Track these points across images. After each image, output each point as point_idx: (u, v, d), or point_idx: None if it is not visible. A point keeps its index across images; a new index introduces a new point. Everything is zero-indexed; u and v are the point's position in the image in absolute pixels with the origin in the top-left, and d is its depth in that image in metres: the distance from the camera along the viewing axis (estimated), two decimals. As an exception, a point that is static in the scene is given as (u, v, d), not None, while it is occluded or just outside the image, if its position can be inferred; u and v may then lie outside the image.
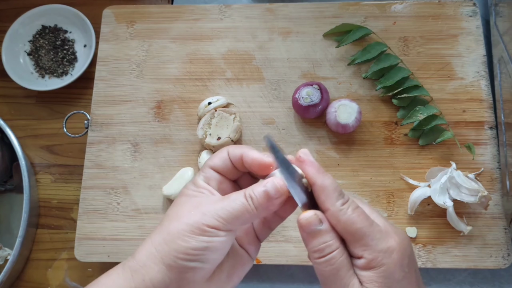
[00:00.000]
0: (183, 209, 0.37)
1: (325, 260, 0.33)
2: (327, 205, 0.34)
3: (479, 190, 0.54)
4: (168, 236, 0.35)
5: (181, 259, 0.35)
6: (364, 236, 0.33)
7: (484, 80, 0.63)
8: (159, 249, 0.35)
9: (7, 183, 0.67)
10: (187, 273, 0.35)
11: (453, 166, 0.56)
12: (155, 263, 0.35)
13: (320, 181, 0.35)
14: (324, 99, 0.60)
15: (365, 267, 0.33)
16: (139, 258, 0.36)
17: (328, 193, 0.34)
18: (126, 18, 0.70)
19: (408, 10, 0.67)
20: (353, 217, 0.34)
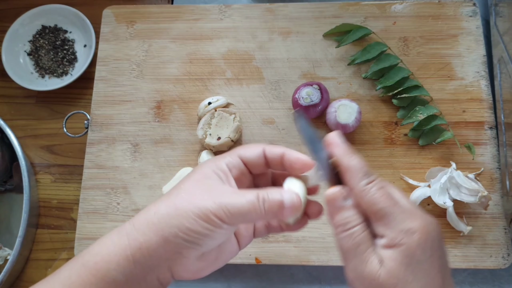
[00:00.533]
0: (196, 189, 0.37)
1: (347, 235, 0.34)
2: (351, 184, 0.35)
3: (479, 190, 0.54)
4: (175, 212, 0.36)
5: (181, 238, 0.35)
6: (386, 215, 0.34)
7: (484, 80, 0.63)
8: (162, 221, 0.36)
9: (7, 183, 0.67)
10: (182, 250, 0.36)
11: (453, 166, 0.56)
12: (154, 233, 0.36)
13: (345, 161, 0.36)
14: (324, 99, 0.60)
15: (386, 246, 0.33)
16: (138, 225, 0.37)
17: (352, 173, 0.35)
18: (126, 18, 0.70)
19: (408, 10, 0.67)
20: (376, 197, 0.34)
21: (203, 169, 0.39)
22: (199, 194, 0.37)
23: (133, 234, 0.36)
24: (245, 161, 0.40)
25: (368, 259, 0.33)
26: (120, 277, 0.35)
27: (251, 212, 0.36)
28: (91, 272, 0.36)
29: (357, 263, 0.33)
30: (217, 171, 0.39)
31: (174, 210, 0.36)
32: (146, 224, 0.36)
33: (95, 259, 0.36)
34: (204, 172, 0.39)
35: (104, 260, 0.36)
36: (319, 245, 0.58)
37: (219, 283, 0.60)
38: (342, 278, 0.60)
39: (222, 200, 0.36)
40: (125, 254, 0.36)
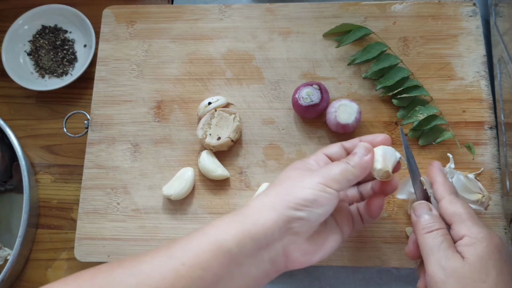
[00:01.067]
0: (295, 173, 0.44)
1: (432, 234, 0.41)
2: (444, 194, 0.44)
3: (479, 191, 0.54)
4: (283, 190, 0.42)
5: (292, 208, 0.40)
6: (470, 219, 0.41)
7: (484, 80, 0.63)
8: (272, 200, 0.42)
9: (7, 183, 0.67)
10: (294, 223, 0.40)
11: (451, 165, 0.56)
12: (267, 210, 0.41)
13: (442, 179, 0.46)
14: (324, 99, 0.60)
15: (468, 244, 0.39)
16: (253, 206, 0.42)
17: (446, 187, 0.45)
18: (126, 18, 0.70)
19: (408, 10, 0.67)
20: (463, 205, 0.43)
21: (295, 165, 0.46)
22: (299, 175, 0.44)
23: (248, 212, 0.41)
24: (329, 155, 0.48)
25: (451, 255, 0.39)
26: (234, 249, 0.39)
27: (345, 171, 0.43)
28: (210, 240, 0.39)
29: (441, 257, 0.39)
30: (307, 165, 0.46)
31: (282, 189, 0.42)
32: (260, 205, 0.42)
33: (215, 230, 0.40)
34: (296, 166, 0.46)
35: (223, 232, 0.40)
36: (319, 245, 0.58)
37: (219, 283, 0.60)
38: (342, 278, 0.60)
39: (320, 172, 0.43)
40: (242, 228, 0.40)
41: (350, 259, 0.57)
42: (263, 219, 0.40)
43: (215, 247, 0.39)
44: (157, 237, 0.59)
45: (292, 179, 0.43)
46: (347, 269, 0.60)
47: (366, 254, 0.57)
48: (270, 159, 0.62)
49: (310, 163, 0.46)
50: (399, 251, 0.57)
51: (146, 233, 0.60)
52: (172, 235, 0.59)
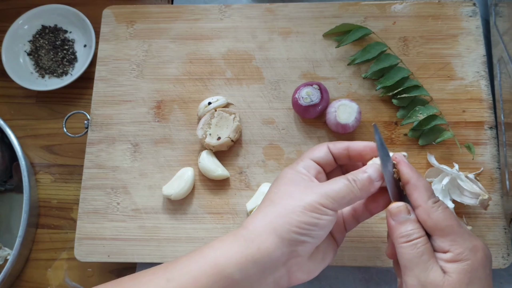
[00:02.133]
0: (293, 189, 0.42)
1: (411, 244, 0.38)
2: (419, 201, 0.39)
3: (481, 193, 0.54)
4: (283, 211, 0.40)
5: (294, 232, 0.39)
6: (453, 232, 0.37)
7: (484, 80, 0.63)
8: (273, 222, 0.39)
9: (7, 183, 0.67)
10: (297, 246, 0.39)
11: (455, 168, 0.56)
12: (269, 234, 0.39)
13: (414, 180, 0.40)
14: (324, 99, 0.60)
15: (451, 260, 0.36)
16: (253, 229, 0.40)
17: (421, 191, 0.39)
18: (126, 18, 0.70)
19: (408, 10, 0.67)
20: (444, 215, 0.38)
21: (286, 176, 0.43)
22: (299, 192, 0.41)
23: (249, 236, 0.39)
24: (317, 161, 0.45)
25: (431, 268, 0.36)
26: (237, 274, 0.37)
27: (349, 193, 0.40)
28: (210, 264, 0.38)
29: (421, 270, 0.37)
30: (299, 174, 0.43)
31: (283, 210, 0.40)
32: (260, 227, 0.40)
33: (215, 253, 0.39)
34: (288, 177, 0.43)
35: (223, 256, 0.38)
36: (319, 245, 0.58)
37: (219, 283, 0.60)
38: (342, 278, 0.60)
39: (321, 191, 0.40)
40: (245, 254, 0.38)
41: (350, 259, 0.57)
42: (266, 244, 0.39)
43: (216, 271, 0.37)
44: (157, 237, 0.59)
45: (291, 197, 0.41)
46: (347, 269, 0.60)
47: (366, 254, 0.57)
48: (270, 159, 0.62)
49: (302, 172, 0.44)
50: (399, 251, 0.57)
51: (146, 233, 0.60)
52: (172, 235, 0.59)
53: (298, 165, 0.44)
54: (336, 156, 0.45)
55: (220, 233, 0.59)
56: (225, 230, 0.59)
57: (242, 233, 0.40)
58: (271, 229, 0.39)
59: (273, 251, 0.38)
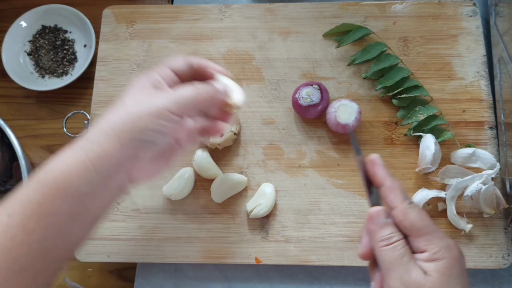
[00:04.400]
0: (140, 95, 0.41)
1: (392, 247, 0.38)
2: (395, 203, 0.39)
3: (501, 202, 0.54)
4: (128, 118, 0.39)
5: (137, 140, 0.39)
6: (430, 232, 0.38)
7: (484, 80, 0.63)
8: (116, 128, 0.39)
9: (7, 183, 0.67)
10: (139, 151, 0.39)
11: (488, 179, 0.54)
12: (111, 141, 0.38)
13: (389, 182, 0.40)
14: (324, 99, 0.60)
15: (429, 259, 0.37)
16: (92, 137, 0.39)
17: (396, 193, 0.39)
18: (126, 18, 0.70)
19: (408, 10, 0.67)
20: (419, 215, 0.38)
21: (140, 81, 0.43)
22: (146, 98, 0.40)
23: (88, 146, 0.38)
24: (174, 70, 0.45)
25: (412, 269, 0.37)
26: (83, 187, 0.37)
27: (196, 99, 0.42)
28: (51, 186, 0.36)
29: (402, 272, 0.37)
30: (152, 81, 0.43)
31: (126, 115, 0.39)
32: (101, 135, 0.38)
33: (53, 174, 0.37)
34: (142, 82, 0.42)
35: (63, 174, 0.37)
36: (319, 245, 0.58)
37: (219, 283, 0.60)
38: (342, 278, 0.60)
39: (169, 96, 0.41)
40: (85, 165, 0.37)
41: (350, 259, 0.57)
42: (107, 150, 0.38)
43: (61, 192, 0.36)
44: (157, 237, 0.59)
45: (137, 102, 0.40)
46: (347, 269, 0.60)
47: (366, 254, 0.57)
48: (270, 159, 0.62)
49: (156, 79, 0.43)
50: (399, 251, 0.57)
51: (146, 233, 0.60)
52: (172, 235, 0.59)
53: (154, 72, 0.44)
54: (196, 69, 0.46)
55: (220, 233, 0.59)
56: (225, 230, 0.59)
57: (80, 144, 0.39)
58: (113, 135, 0.38)
59: (112, 157, 0.38)
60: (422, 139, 0.58)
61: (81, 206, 0.37)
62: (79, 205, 0.37)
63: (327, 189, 0.60)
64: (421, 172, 0.58)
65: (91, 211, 0.39)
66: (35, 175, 0.37)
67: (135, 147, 0.39)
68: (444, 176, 0.58)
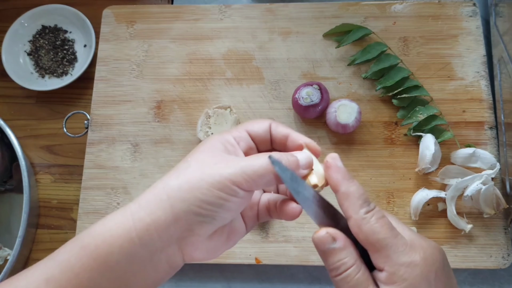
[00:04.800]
0: (207, 158, 0.35)
1: (342, 278, 0.33)
2: (349, 212, 0.33)
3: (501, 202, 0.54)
4: (187, 184, 0.33)
5: (193, 213, 0.33)
6: (386, 247, 0.32)
7: (484, 80, 0.63)
8: (172, 196, 0.33)
9: (7, 183, 0.67)
10: (194, 225, 0.34)
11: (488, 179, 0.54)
12: (163, 211, 0.33)
13: (344, 188, 0.34)
14: (324, 99, 0.60)
15: (387, 281, 0.32)
16: (145, 203, 0.34)
17: (351, 200, 0.34)
18: (126, 18, 0.70)
19: (408, 10, 0.67)
20: (376, 227, 0.32)
21: (210, 142, 0.37)
22: (210, 163, 0.34)
23: (138, 214, 0.33)
24: (252, 135, 0.39)
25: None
26: (123, 261, 0.33)
27: (269, 172, 0.34)
28: (92, 255, 0.33)
29: None
30: (224, 143, 0.37)
31: (186, 182, 0.34)
32: (154, 201, 0.34)
33: (96, 241, 0.33)
34: (212, 143, 0.37)
35: (106, 242, 0.33)
36: (319, 245, 0.58)
37: (219, 283, 0.60)
38: (342, 278, 0.60)
39: (236, 165, 0.34)
40: (130, 237, 0.33)
41: (350, 259, 0.57)
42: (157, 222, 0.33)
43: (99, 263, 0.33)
44: (157, 237, 0.59)
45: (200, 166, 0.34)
46: (347, 269, 0.60)
47: (366, 254, 0.57)
48: (270, 159, 0.62)
49: (229, 142, 0.37)
50: (399, 251, 0.57)
51: (146, 233, 0.60)
52: (172, 235, 0.59)
53: (230, 133, 0.38)
54: (274, 139, 0.39)
55: (220, 233, 0.59)
56: (225, 230, 0.59)
57: (131, 209, 0.34)
58: (167, 205, 0.33)
59: (163, 230, 0.33)
60: (422, 139, 0.58)
61: (120, 281, 0.34)
62: (118, 280, 0.33)
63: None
64: (420, 172, 0.58)
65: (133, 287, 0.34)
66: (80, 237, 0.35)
67: (190, 220, 0.33)
68: (444, 176, 0.58)
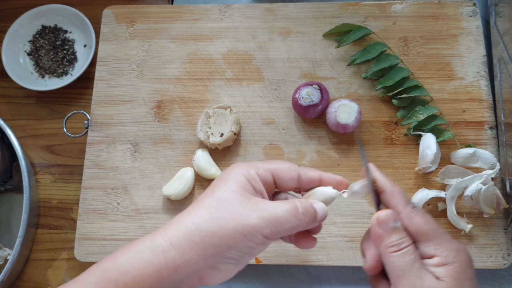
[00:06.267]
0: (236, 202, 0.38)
1: (402, 253, 0.36)
2: (398, 208, 0.38)
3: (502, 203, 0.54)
4: (219, 231, 0.36)
5: (221, 256, 0.36)
6: (437, 236, 0.37)
7: (484, 80, 0.63)
8: (205, 240, 0.36)
9: (7, 183, 0.67)
10: (219, 264, 0.37)
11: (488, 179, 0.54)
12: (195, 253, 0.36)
13: (390, 188, 0.39)
14: (324, 99, 0.60)
15: (439, 264, 0.36)
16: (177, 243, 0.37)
17: (398, 198, 0.38)
18: (126, 18, 0.70)
19: (408, 10, 0.67)
20: (425, 219, 0.37)
21: (236, 175, 0.40)
22: (240, 208, 0.37)
23: (170, 253, 0.36)
24: (277, 180, 0.41)
25: (424, 275, 0.35)
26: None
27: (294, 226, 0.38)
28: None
29: (415, 278, 0.35)
30: (250, 180, 0.40)
31: (219, 229, 0.37)
32: (187, 242, 0.36)
33: (125, 278, 0.36)
34: (238, 178, 0.39)
35: (135, 281, 0.35)
36: (319, 245, 0.57)
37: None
38: (342, 278, 0.60)
39: (265, 215, 0.37)
40: (160, 276, 0.35)
41: (350, 259, 0.57)
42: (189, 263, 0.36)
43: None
44: (157, 237, 0.59)
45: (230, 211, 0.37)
46: (347, 269, 0.60)
47: (366, 254, 0.57)
48: (270, 159, 0.62)
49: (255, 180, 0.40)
50: (399, 251, 0.57)
51: (146, 233, 0.59)
52: (172, 235, 0.59)
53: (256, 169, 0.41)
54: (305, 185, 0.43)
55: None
56: (225, 230, 0.59)
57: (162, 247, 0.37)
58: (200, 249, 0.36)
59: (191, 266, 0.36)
60: (422, 139, 0.58)
61: None
62: None
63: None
64: (421, 171, 0.58)
65: None
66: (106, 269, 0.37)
67: (216, 261, 0.37)
68: (444, 176, 0.58)
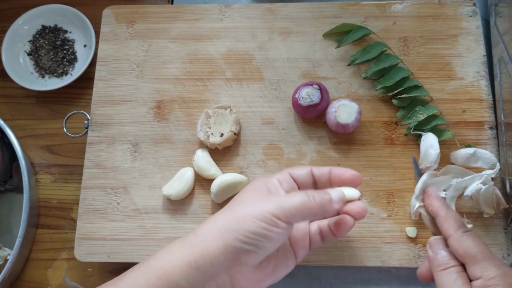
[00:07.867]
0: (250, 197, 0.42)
1: (447, 272, 0.41)
2: (450, 231, 0.43)
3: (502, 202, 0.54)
4: (234, 219, 0.40)
5: (240, 241, 0.39)
6: (484, 259, 0.40)
7: (484, 80, 0.63)
8: (221, 228, 0.40)
9: (7, 183, 0.67)
10: (241, 255, 0.39)
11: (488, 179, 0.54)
12: (215, 240, 0.39)
13: (443, 212, 0.44)
14: (324, 99, 0.60)
15: (483, 286, 0.39)
16: (201, 234, 0.41)
17: (451, 222, 0.43)
18: (126, 18, 0.70)
19: (408, 10, 0.67)
20: (474, 242, 0.41)
21: (256, 184, 0.44)
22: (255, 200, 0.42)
23: (195, 241, 0.40)
24: (295, 177, 0.46)
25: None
26: (183, 282, 0.38)
27: (305, 208, 0.40)
28: (157, 275, 0.38)
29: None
30: (267, 184, 0.44)
31: (233, 217, 0.40)
32: (208, 232, 0.40)
33: (161, 264, 0.39)
34: (256, 186, 0.44)
35: (170, 265, 0.39)
36: (319, 245, 0.58)
37: (219, 283, 0.60)
38: (342, 278, 0.60)
39: (276, 201, 0.40)
40: (188, 260, 0.39)
41: (350, 259, 0.57)
42: (210, 248, 0.39)
43: (163, 282, 0.38)
44: (157, 237, 0.59)
45: (244, 204, 0.41)
46: (347, 269, 0.60)
47: (366, 254, 0.57)
48: (270, 159, 0.62)
49: (272, 183, 0.44)
50: (399, 251, 0.57)
51: (146, 233, 0.60)
52: (172, 235, 0.59)
53: (273, 175, 0.45)
54: (317, 179, 0.47)
55: (220, 233, 0.59)
56: (225, 230, 0.59)
57: (190, 239, 0.41)
58: (218, 235, 0.39)
59: (215, 257, 0.39)
60: (423, 138, 0.58)
61: None
62: None
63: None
64: (423, 171, 0.58)
65: None
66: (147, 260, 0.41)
67: (237, 249, 0.39)
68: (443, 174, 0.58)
